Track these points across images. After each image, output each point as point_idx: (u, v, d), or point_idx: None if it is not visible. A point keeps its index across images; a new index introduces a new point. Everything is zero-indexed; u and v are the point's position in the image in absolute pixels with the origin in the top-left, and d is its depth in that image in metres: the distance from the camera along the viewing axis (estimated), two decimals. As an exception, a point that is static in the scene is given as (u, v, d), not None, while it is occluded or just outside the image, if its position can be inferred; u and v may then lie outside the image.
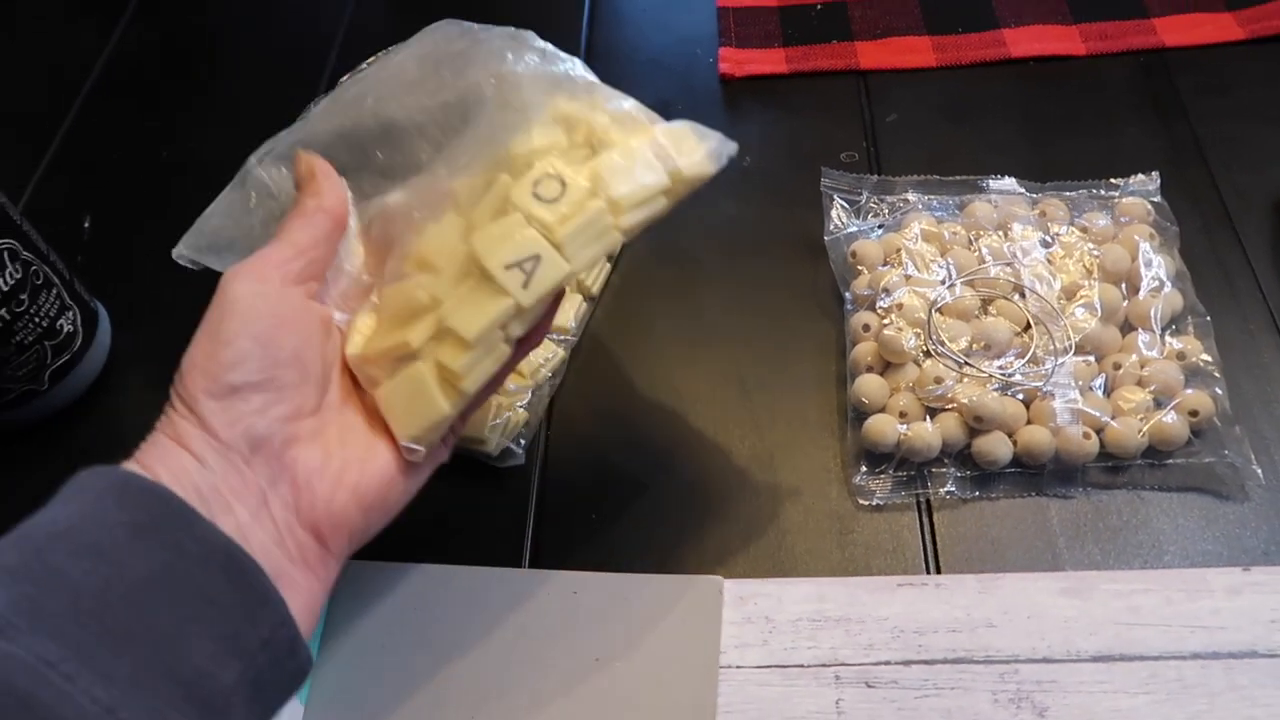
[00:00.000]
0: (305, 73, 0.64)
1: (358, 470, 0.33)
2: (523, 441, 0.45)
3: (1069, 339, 0.44)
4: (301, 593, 0.31)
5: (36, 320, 0.45)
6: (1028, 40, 0.60)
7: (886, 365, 0.45)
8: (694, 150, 0.35)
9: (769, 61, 0.61)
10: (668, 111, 0.61)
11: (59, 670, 0.24)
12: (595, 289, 0.51)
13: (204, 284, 0.34)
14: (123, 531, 0.27)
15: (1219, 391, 0.43)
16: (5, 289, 0.43)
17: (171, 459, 0.30)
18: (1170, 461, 0.42)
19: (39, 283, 0.45)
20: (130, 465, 0.30)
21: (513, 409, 0.45)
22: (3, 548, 0.27)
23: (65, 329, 0.46)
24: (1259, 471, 0.41)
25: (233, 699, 0.27)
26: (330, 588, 0.33)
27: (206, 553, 0.28)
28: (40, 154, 0.61)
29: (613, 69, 0.63)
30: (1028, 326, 0.44)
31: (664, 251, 0.53)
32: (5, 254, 0.43)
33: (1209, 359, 0.44)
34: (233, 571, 0.28)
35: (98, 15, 0.69)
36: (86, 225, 0.57)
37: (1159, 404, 0.43)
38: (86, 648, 0.25)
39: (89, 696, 0.24)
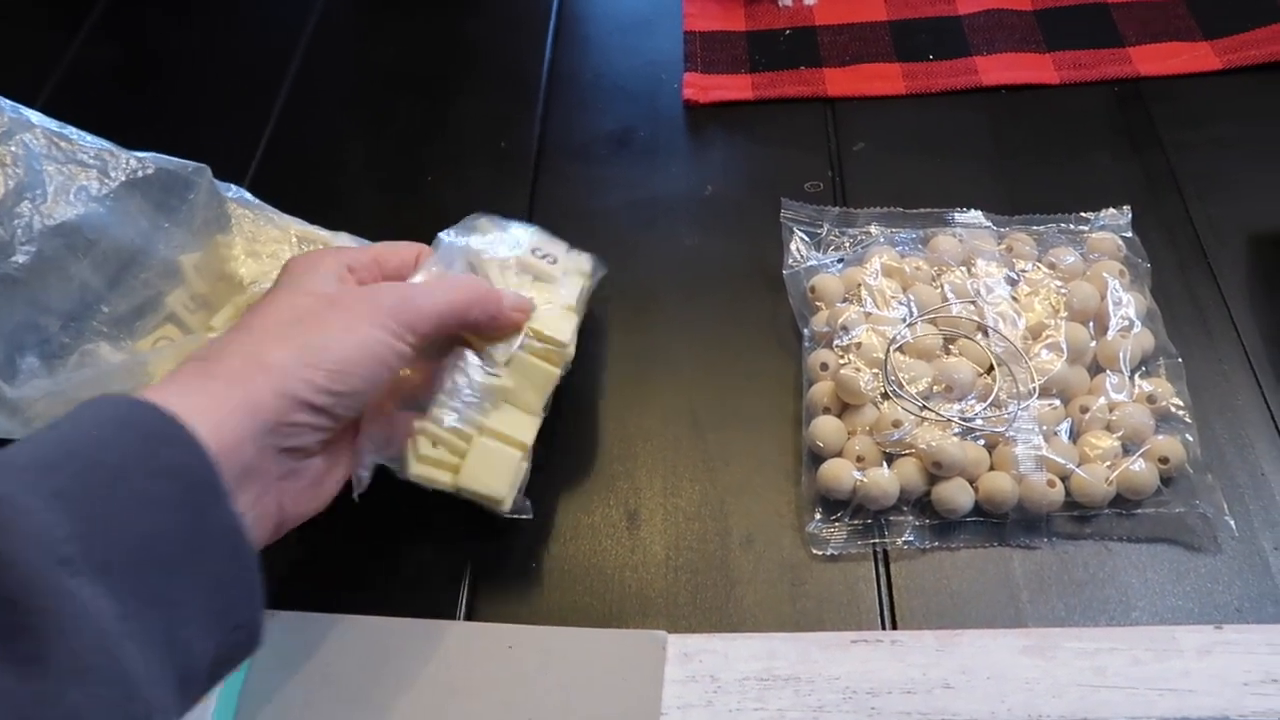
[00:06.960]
0: (256, 105, 0.62)
1: (333, 481, 0.36)
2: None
3: (1033, 381, 0.42)
4: None
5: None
6: (1000, 69, 0.59)
7: (844, 406, 0.43)
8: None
9: (735, 88, 0.60)
10: (631, 138, 0.60)
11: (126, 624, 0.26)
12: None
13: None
14: (168, 487, 0.28)
15: (1190, 438, 0.41)
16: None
17: (227, 417, 0.30)
18: (1139, 511, 0.40)
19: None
20: (182, 404, 0.29)
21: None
22: (55, 459, 0.27)
23: None
24: (1232, 523, 0.39)
25: (202, 674, 0.28)
26: None
27: (223, 532, 0.29)
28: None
29: (576, 93, 0.61)
30: (991, 368, 0.42)
31: (617, 281, 0.50)
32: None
33: (1180, 403, 0.42)
34: (238, 555, 0.29)
35: (51, 30, 0.68)
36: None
37: (1127, 450, 0.41)
38: (134, 604, 0.26)
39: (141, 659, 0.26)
